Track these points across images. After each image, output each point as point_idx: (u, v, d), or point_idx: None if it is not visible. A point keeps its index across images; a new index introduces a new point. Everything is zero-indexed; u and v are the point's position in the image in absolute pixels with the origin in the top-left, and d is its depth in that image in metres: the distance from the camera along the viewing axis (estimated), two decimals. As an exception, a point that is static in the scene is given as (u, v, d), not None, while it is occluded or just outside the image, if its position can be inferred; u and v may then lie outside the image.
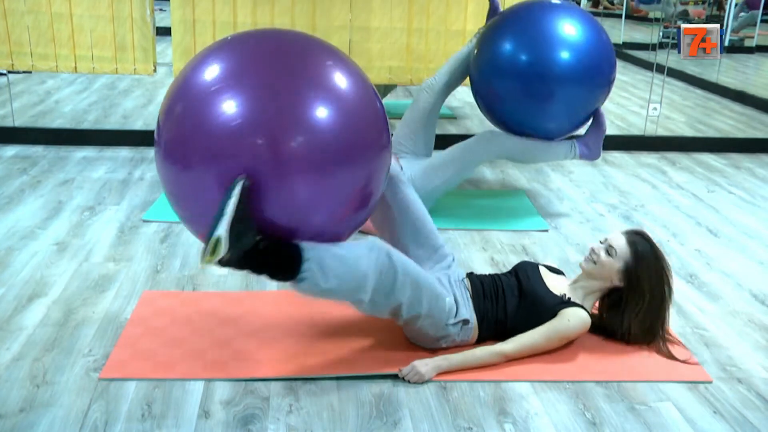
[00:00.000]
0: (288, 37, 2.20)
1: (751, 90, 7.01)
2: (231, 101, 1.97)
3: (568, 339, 2.38)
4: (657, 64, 5.62)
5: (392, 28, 4.47)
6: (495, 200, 3.92)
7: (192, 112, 2.01)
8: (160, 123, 2.12)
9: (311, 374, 2.27)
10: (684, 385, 2.30)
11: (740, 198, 4.13)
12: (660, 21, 7.89)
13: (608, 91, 3.47)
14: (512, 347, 2.34)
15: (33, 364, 2.28)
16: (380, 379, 2.27)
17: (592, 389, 2.26)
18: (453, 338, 2.38)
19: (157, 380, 2.22)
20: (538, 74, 3.28)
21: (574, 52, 3.28)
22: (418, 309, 2.26)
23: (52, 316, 2.56)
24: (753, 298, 2.91)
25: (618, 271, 2.41)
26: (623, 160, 4.78)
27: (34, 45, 4.35)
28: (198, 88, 2.03)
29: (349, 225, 2.20)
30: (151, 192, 3.82)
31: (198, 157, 2.00)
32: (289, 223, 2.05)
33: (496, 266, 3.10)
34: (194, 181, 2.03)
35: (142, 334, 2.46)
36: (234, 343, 2.42)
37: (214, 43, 2.20)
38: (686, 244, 3.43)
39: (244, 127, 1.96)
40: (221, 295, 2.77)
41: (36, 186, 3.84)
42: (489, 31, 3.50)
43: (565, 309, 2.36)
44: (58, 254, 3.05)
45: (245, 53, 2.11)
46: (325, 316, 2.61)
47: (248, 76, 2.03)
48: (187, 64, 2.16)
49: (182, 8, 4.29)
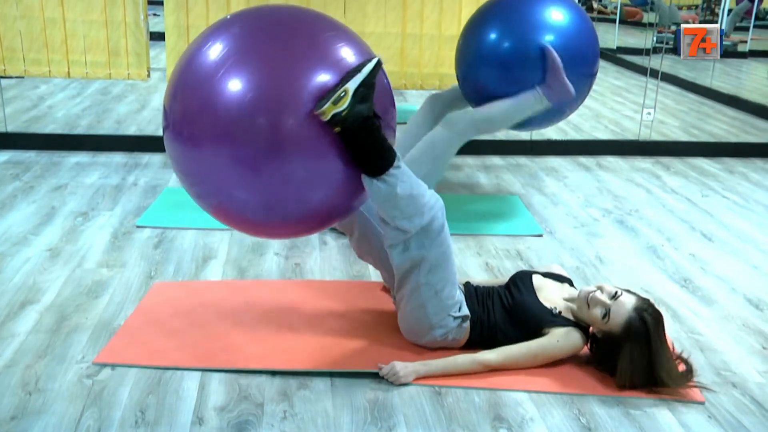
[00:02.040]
0: (289, 12, 2.20)
1: (744, 95, 7.04)
2: (236, 79, 1.98)
3: (556, 359, 2.35)
4: (651, 69, 5.63)
5: (386, 33, 4.47)
6: (489, 205, 3.92)
7: (197, 92, 2.03)
8: (166, 105, 2.14)
9: (295, 368, 2.30)
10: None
11: (734, 202, 4.14)
12: (654, 26, 7.90)
13: (592, 81, 3.45)
14: (495, 358, 2.32)
15: (25, 371, 2.26)
16: (374, 384, 2.26)
17: (587, 394, 2.26)
18: (447, 333, 2.37)
19: (152, 384, 2.21)
20: (522, 60, 3.24)
21: (560, 37, 3.25)
22: (435, 278, 2.30)
23: (44, 322, 2.55)
24: (747, 303, 2.91)
25: (606, 332, 2.31)
26: (617, 165, 4.79)
27: (27, 50, 4.33)
28: (202, 68, 2.04)
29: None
30: (144, 197, 3.81)
31: (207, 135, 2.02)
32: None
33: (491, 271, 3.09)
34: (205, 158, 2.05)
35: (143, 323, 2.55)
36: (228, 336, 2.50)
37: (214, 24, 2.20)
38: (680, 249, 3.43)
39: (251, 102, 1.97)
40: (227, 284, 2.87)
41: (29, 192, 3.83)
42: (474, 21, 3.47)
43: (556, 328, 2.33)
44: (50, 260, 3.03)
45: (246, 29, 2.11)
46: (323, 311, 2.65)
47: (251, 53, 2.03)
48: (190, 44, 2.17)
49: (176, 13, 4.28)
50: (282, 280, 2.93)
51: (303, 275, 3.00)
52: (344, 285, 2.90)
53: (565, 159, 4.83)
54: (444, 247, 2.30)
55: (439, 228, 2.27)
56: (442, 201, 2.30)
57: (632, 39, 9.89)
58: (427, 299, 2.33)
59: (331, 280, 2.95)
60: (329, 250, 3.24)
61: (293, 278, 2.97)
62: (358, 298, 2.78)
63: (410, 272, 2.32)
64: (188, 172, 2.13)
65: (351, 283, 2.92)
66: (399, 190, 2.17)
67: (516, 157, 4.81)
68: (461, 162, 4.65)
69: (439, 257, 2.29)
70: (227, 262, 3.08)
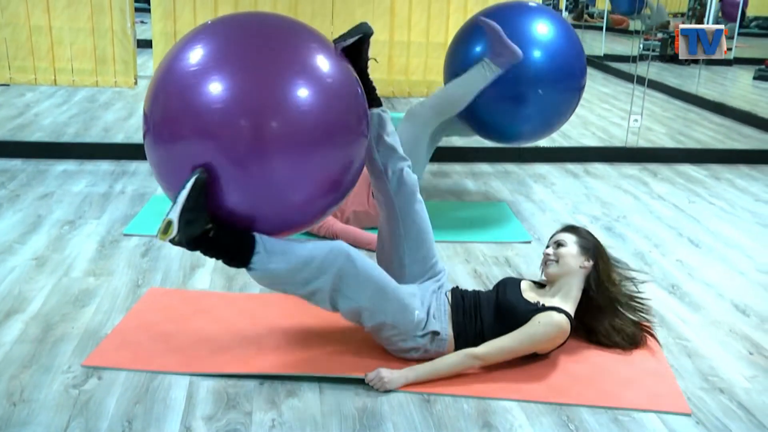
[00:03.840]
0: (271, 20, 2.28)
1: (729, 102, 7.08)
2: (215, 83, 2.04)
3: (543, 342, 2.35)
4: (638, 76, 5.66)
5: (374, 40, 4.36)
6: (477, 212, 3.92)
7: (177, 96, 2.09)
8: (146, 110, 2.18)
9: (281, 372, 2.32)
10: (667, 395, 2.29)
11: (721, 209, 4.16)
12: (640, 33, 7.95)
13: (580, 94, 3.53)
14: (484, 350, 2.32)
15: (10, 382, 2.24)
16: (363, 391, 2.25)
17: (578, 405, 2.26)
18: (425, 349, 2.37)
19: (139, 393, 2.19)
20: (513, 76, 3.28)
21: (546, 52, 3.31)
22: (382, 318, 2.29)
23: (30, 332, 2.53)
24: (734, 308, 2.92)
25: (578, 253, 2.46)
26: (605, 172, 4.81)
27: (13, 58, 4.32)
28: (182, 72, 2.09)
29: (316, 210, 2.25)
30: (132, 206, 3.79)
31: (183, 139, 2.08)
32: (250, 211, 2.13)
33: (479, 278, 3.09)
34: (180, 162, 2.09)
35: (135, 327, 2.57)
36: (216, 342, 2.50)
37: (196, 28, 2.26)
38: (668, 255, 3.45)
39: (226, 108, 2.03)
40: (222, 295, 2.86)
41: (14, 200, 3.80)
42: (463, 35, 3.51)
43: (537, 314, 2.35)
44: (36, 269, 3.01)
45: (228, 36, 2.17)
46: (314, 320, 2.65)
47: (230, 59, 2.09)
48: (170, 49, 2.23)
49: (163, 21, 4.28)
50: (275, 294, 2.90)
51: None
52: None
53: (553, 166, 4.85)
54: (370, 287, 2.26)
55: (353, 275, 2.22)
56: (342, 245, 2.24)
57: (619, 46, 9.94)
58: (388, 335, 2.35)
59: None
60: (317, 258, 3.23)
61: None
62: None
63: (359, 320, 2.33)
64: (169, 176, 2.16)
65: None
66: (274, 267, 2.17)
67: (504, 164, 4.82)
68: (449, 169, 4.66)
69: (372, 298, 2.27)
70: (215, 270, 3.06)
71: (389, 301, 2.29)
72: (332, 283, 2.22)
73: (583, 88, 3.53)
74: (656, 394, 2.30)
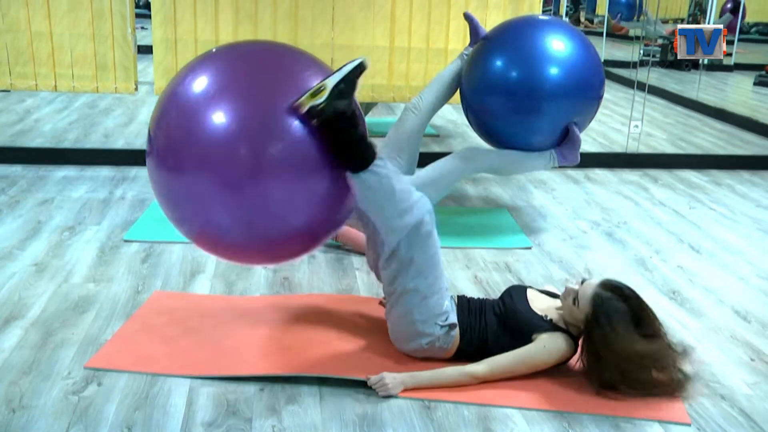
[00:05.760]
0: (271, 49, 2.33)
1: (730, 107, 7.09)
2: (218, 112, 2.07)
3: (545, 365, 2.32)
4: (638, 82, 5.67)
5: (375, 46, 4.48)
6: (478, 218, 3.92)
7: (182, 122, 2.12)
8: (151, 131, 2.21)
9: (283, 373, 2.32)
10: (667, 402, 2.28)
11: (721, 214, 4.16)
12: (640, 39, 7.96)
13: (598, 105, 3.55)
14: (484, 369, 2.31)
15: (9, 388, 2.23)
16: (363, 397, 2.24)
17: (578, 413, 2.25)
18: (433, 341, 2.37)
19: (139, 400, 2.19)
20: (529, 90, 3.30)
21: (565, 67, 3.32)
22: (422, 284, 2.32)
23: (29, 338, 2.52)
24: (735, 314, 2.92)
25: (583, 321, 2.31)
26: (606, 177, 4.80)
27: (13, 63, 4.32)
28: (187, 99, 2.13)
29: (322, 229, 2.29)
30: (132, 211, 3.79)
31: (190, 163, 2.10)
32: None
33: (480, 284, 3.09)
34: (186, 185, 2.12)
35: (138, 330, 2.58)
36: (218, 345, 2.51)
37: (201, 55, 2.30)
38: (668, 261, 3.44)
39: (229, 135, 2.06)
40: (225, 299, 2.87)
41: (14, 206, 3.80)
42: (483, 47, 3.52)
43: (543, 334, 2.32)
44: (36, 275, 3.01)
45: (231, 64, 2.22)
46: (316, 323, 2.65)
47: (233, 88, 2.12)
48: (176, 75, 2.26)
49: (164, 27, 4.28)
50: (282, 296, 2.92)
51: (291, 289, 2.98)
52: (334, 299, 2.89)
53: (553, 171, 4.84)
54: (432, 252, 2.32)
55: (427, 232, 2.29)
56: (430, 204, 2.32)
57: (619, 52, 9.95)
58: (414, 305, 2.34)
59: (320, 294, 2.94)
60: (318, 264, 3.23)
61: (282, 292, 2.95)
62: (347, 310, 2.77)
63: (398, 276, 2.33)
64: (170, 197, 2.20)
65: (340, 297, 2.91)
66: (388, 181, 2.20)
67: (504, 170, 4.82)
68: (450, 175, 4.65)
69: (426, 261, 2.31)
70: (215, 276, 3.06)
71: (436, 275, 2.34)
72: (413, 224, 2.25)
73: (602, 97, 3.60)
74: (657, 403, 2.28)
